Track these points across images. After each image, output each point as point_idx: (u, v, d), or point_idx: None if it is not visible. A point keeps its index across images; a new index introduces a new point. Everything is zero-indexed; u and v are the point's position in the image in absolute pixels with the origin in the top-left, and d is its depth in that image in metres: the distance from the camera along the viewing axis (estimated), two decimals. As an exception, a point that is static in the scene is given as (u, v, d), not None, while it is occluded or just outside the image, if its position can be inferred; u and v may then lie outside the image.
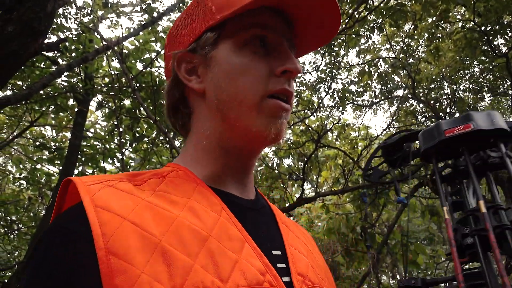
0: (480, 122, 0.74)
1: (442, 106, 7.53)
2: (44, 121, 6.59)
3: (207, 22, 0.63)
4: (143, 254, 0.45)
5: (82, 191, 0.51)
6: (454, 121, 0.76)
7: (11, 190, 7.51)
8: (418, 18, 6.09)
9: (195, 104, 0.67)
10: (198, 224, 0.52)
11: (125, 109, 4.86)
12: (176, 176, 0.60)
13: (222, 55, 0.63)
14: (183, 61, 0.66)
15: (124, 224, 0.47)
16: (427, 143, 0.78)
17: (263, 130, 0.61)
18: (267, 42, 0.63)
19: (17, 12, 2.19)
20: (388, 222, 8.72)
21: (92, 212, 0.48)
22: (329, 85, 5.75)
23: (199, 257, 0.48)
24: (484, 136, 0.74)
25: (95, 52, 4.09)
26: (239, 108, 0.61)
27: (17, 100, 2.87)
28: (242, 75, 0.61)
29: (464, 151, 0.75)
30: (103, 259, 0.44)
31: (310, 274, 0.60)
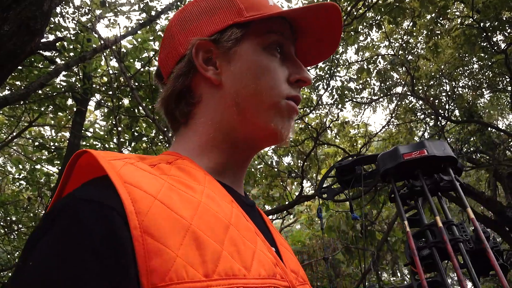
0: (433, 149, 0.84)
1: (442, 103, 7.53)
2: (43, 121, 6.59)
3: (234, 17, 0.65)
4: (176, 237, 0.43)
5: (106, 165, 0.47)
6: (411, 147, 0.86)
7: (10, 190, 7.51)
8: (416, 15, 6.08)
9: (206, 94, 0.66)
10: (219, 211, 0.51)
11: (124, 109, 4.86)
12: (183, 164, 0.59)
13: (247, 53, 0.64)
14: (201, 49, 0.65)
15: (155, 203, 0.45)
16: (387, 164, 0.86)
17: (278, 128, 0.64)
18: (283, 49, 0.67)
19: (13, 11, 2.18)
20: (388, 219, 8.74)
21: (123, 188, 0.44)
22: (327, 83, 5.74)
23: (225, 244, 0.47)
24: (436, 162, 0.84)
25: (93, 51, 4.08)
26: (259, 106, 0.63)
27: (14, 100, 2.87)
28: (265, 75, 0.63)
29: (419, 174, 0.84)
30: (138, 239, 0.41)
31: (301, 271, 0.63)
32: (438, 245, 0.71)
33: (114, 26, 6.15)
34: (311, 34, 0.71)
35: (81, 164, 0.52)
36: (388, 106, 8.75)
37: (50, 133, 7.58)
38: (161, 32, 5.51)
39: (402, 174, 0.86)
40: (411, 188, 0.83)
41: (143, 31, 5.33)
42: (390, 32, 7.32)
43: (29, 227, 6.28)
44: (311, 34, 0.71)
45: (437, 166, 0.84)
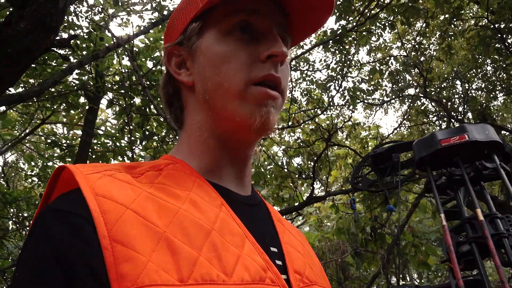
0: (475, 133, 0.76)
1: (454, 105, 7.44)
2: (56, 118, 6.65)
3: (192, 12, 0.62)
4: (148, 244, 0.44)
5: (80, 179, 0.48)
6: (449, 132, 0.78)
7: (23, 187, 7.59)
8: (430, 15, 6.02)
9: (186, 97, 0.66)
10: (201, 217, 0.51)
11: (136, 107, 4.88)
12: (173, 169, 0.59)
13: (206, 45, 0.61)
14: (173, 55, 0.65)
15: (126, 213, 0.46)
16: (422, 152, 0.79)
17: (248, 118, 0.58)
18: (253, 28, 0.61)
19: (29, 9, 2.20)
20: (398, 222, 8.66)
21: (93, 200, 0.45)
22: (339, 84, 5.71)
23: (204, 250, 0.47)
24: (478, 147, 0.75)
25: (106, 50, 4.11)
26: (224, 97, 0.60)
27: (29, 96, 2.90)
28: (224, 63, 0.59)
29: (459, 161, 0.76)
30: (107, 247, 0.42)
31: (307, 272, 0.60)
32: (478, 241, 0.65)
33: (127, 25, 6.20)
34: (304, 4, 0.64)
35: (64, 179, 0.53)
36: (400, 108, 8.69)
37: (62, 131, 7.66)
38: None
39: (439, 162, 0.79)
40: (449, 177, 0.76)
41: (155, 30, 5.35)
42: (403, 33, 7.27)
43: (40, 223, 6.34)
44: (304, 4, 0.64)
45: (479, 152, 0.76)
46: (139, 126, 4.94)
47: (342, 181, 7.68)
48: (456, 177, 0.76)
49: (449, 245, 0.64)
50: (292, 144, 6.53)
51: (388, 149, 1.15)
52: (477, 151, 0.76)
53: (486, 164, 0.75)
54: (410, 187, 6.61)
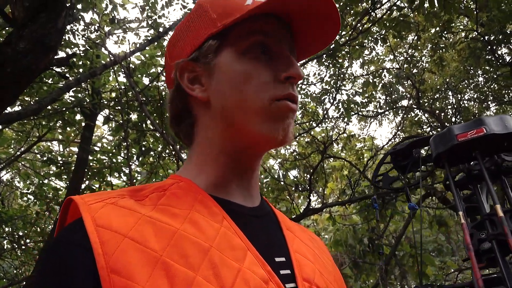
0: (493, 126, 0.73)
1: (447, 115, 7.53)
2: (52, 136, 6.65)
3: (208, 30, 0.63)
4: (144, 270, 0.46)
5: (83, 211, 0.52)
6: (466, 126, 0.76)
7: (18, 205, 7.54)
8: (421, 29, 6.13)
9: (199, 113, 0.67)
10: (199, 235, 0.52)
11: (132, 123, 4.91)
12: (177, 188, 0.61)
13: (225, 63, 0.62)
14: (185, 71, 0.65)
15: (124, 241, 0.48)
16: (439, 148, 0.77)
17: (272, 132, 0.61)
18: (268, 48, 0.63)
19: (28, 29, 2.24)
20: (395, 233, 8.65)
21: (94, 232, 0.49)
22: (333, 96, 5.78)
23: (201, 269, 0.48)
24: (497, 140, 0.73)
25: (103, 67, 4.15)
26: (246, 114, 0.61)
27: (27, 114, 2.92)
28: (247, 81, 0.61)
29: (478, 156, 0.74)
30: (105, 277, 0.45)
31: (317, 279, 0.60)
32: (499, 238, 0.63)
33: (123, 42, 6.26)
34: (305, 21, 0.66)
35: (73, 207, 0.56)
36: (394, 120, 8.76)
37: (58, 148, 7.64)
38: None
39: (457, 157, 0.76)
40: (468, 173, 0.73)
41: (151, 47, 5.41)
42: (395, 46, 7.38)
43: (36, 241, 6.29)
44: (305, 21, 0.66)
45: (499, 145, 0.73)
46: (136, 142, 4.96)
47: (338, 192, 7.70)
48: (475, 172, 0.74)
49: (468, 243, 0.63)
50: (288, 157, 6.57)
51: (408, 145, 1.13)
52: (496, 144, 0.74)
53: (505, 157, 0.73)
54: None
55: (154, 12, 5.63)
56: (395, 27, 4.87)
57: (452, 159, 0.77)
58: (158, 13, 5.62)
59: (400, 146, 1.15)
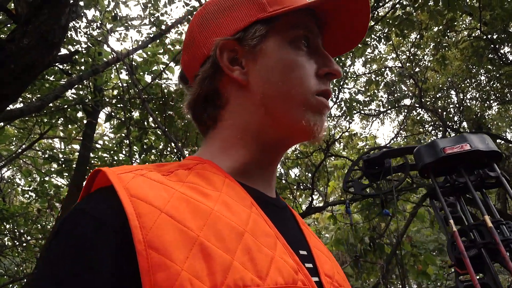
0: (476, 143, 0.78)
1: (450, 114, 7.52)
2: (54, 133, 6.65)
3: (257, 14, 0.62)
4: (182, 250, 0.43)
5: (114, 180, 0.47)
6: (451, 140, 0.80)
7: (19, 202, 7.55)
8: (424, 27, 6.12)
9: (233, 95, 0.64)
10: (233, 218, 0.50)
11: (134, 121, 4.90)
12: (202, 169, 0.58)
13: (273, 49, 0.61)
14: (225, 49, 0.63)
15: (161, 217, 0.44)
16: (426, 159, 0.80)
17: (311, 125, 0.61)
18: (310, 43, 0.64)
19: (32, 25, 2.23)
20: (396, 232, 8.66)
21: (128, 203, 0.45)
22: (336, 95, 5.76)
23: (237, 254, 0.46)
24: (480, 156, 0.78)
25: (105, 64, 4.14)
26: (288, 104, 0.61)
27: (30, 111, 2.91)
28: (293, 71, 0.61)
29: (462, 169, 0.79)
30: (142, 253, 0.41)
31: (336, 276, 0.60)
32: (488, 246, 0.67)
33: (126, 40, 6.25)
34: (338, 24, 0.68)
35: (98, 183, 0.53)
36: (396, 118, 8.75)
37: (60, 146, 7.64)
38: (170, 45, 5.58)
39: (442, 169, 0.80)
40: (453, 185, 0.77)
41: (153, 44, 5.40)
42: (398, 45, 7.36)
43: (38, 239, 6.30)
44: (338, 24, 0.68)
45: (480, 161, 0.78)
46: (138, 139, 4.95)
47: (340, 191, 7.70)
48: (460, 185, 0.77)
49: (462, 250, 0.65)
50: (290, 155, 6.56)
51: (381, 154, 1.16)
52: (478, 160, 0.79)
53: (489, 173, 0.77)
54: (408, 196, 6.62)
55: (156, 9, 5.62)
56: (398, 26, 4.85)
57: (437, 170, 0.81)
58: (160, 11, 5.61)
59: (373, 154, 1.17)
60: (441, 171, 0.81)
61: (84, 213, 0.45)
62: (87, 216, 0.45)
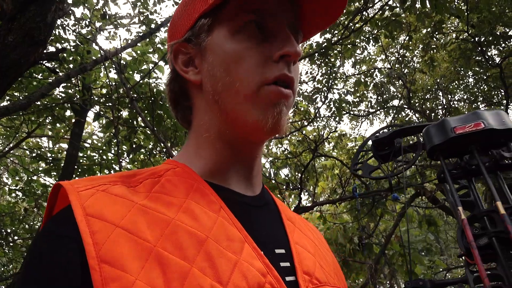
0: (491, 121, 0.72)
1: (438, 115, 7.59)
2: (41, 132, 6.58)
3: (200, 8, 0.59)
4: (137, 261, 0.44)
5: (72, 199, 0.49)
6: (463, 119, 0.74)
7: (6, 201, 7.46)
8: (412, 29, 6.18)
9: (194, 96, 0.64)
10: (195, 225, 0.50)
11: (123, 120, 4.87)
12: (173, 175, 0.57)
13: (217, 43, 0.58)
14: (179, 52, 0.63)
15: (116, 231, 0.46)
16: (435, 139, 0.74)
17: (260, 120, 0.57)
18: (264, 27, 0.59)
19: (17, 22, 2.21)
20: (385, 232, 8.72)
21: (83, 221, 0.46)
22: (325, 95, 5.79)
23: (197, 260, 0.46)
24: (495, 136, 0.71)
25: (94, 63, 4.12)
26: (234, 99, 0.57)
27: (15, 109, 2.88)
28: (236, 63, 0.57)
29: (474, 150, 0.72)
30: (95, 268, 0.43)
31: (317, 272, 0.58)
32: (500, 235, 0.61)
33: (114, 38, 6.22)
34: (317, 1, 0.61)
35: (62, 194, 0.54)
36: (385, 119, 8.82)
37: (48, 145, 7.57)
38: (160, 44, 5.56)
39: (452, 151, 0.74)
40: (464, 167, 0.71)
41: (142, 43, 5.38)
42: (387, 46, 7.42)
43: (25, 238, 6.23)
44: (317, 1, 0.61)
45: (495, 141, 0.72)
46: (126, 138, 4.92)
47: (329, 191, 7.73)
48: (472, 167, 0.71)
49: (471, 241, 0.60)
50: (279, 155, 6.57)
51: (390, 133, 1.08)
52: (493, 140, 0.71)
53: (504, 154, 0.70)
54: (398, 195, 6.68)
55: (146, 8, 5.60)
56: (386, 27, 4.90)
57: (447, 152, 0.74)
58: (150, 9, 5.59)
59: (382, 134, 1.10)
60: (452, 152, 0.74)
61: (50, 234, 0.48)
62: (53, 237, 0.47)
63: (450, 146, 0.73)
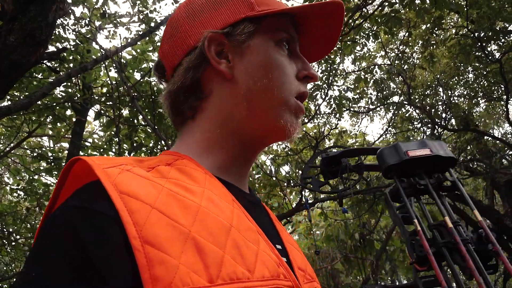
0: (436, 149, 0.83)
1: (438, 112, 7.60)
2: (42, 131, 6.60)
3: (245, 11, 0.64)
4: (177, 245, 0.43)
5: (100, 174, 0.46)
6: (413, 144, 0.85)
7: (8, 201, 7.48)
8: (412, 25, 6.17)
9: (217, 88, 0.64)
10: (219, 213, 0.50)
11: (124, 118, 4.88)
12: (182, 164, 0.57)
13: (260, 47, 0.64)
14: (213, 42, 0.64)
15: (153, 213, 0.44)
16: (390, 160, 0.84)
17: (287, 126, 0.64)
18: (290, 46, 0.68)
19: (19, 22, 2.22)
20: (386, 228, 8.75)
21: (118, 199, 0.44)
22: (325, 92, 5.80)
23: (227, 248, 0.46)
24: (439, 162, 0.83)
25: (94, 62, 4.12)
26: (270, 101, 0.63)
27: (17, 109, 2.89)
28: (277, 71, 0.63)
29: (422, 173, 0.83)
30: (139, 248, 0.41)
31: (308, 269, 0.62)
32: (448, 246, 0.70)
33: (114, 37, 6.22)
34: (312, 32, 0.71)
35: (76, 173, 0.51)
36: (385, 115, 8.83)
37: (49, 144, 7.58)
38: (160, 43, 5.55)
39: (403, 172, 0.84)
40: (414, 186, 0.81)
41: (142, 42, 5.38)
42: (386, 42, 7.42)
43: (27, 238, 6.25)
44: (312, 32, 0.71)
45: (439, 166, 0.83)
46: (127, 137, 4.93)
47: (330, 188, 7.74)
48: (420, 187, 0.82)
49: (428, 249, 0.69)
50: (280, 152, 6.58)
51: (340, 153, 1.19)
52: (437, 165, 0.83)
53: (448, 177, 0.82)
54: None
55: (145, 6, 5.60)
56: (386, 23, 4.89)
57: (400, 172, 0.85)
58: (149, 8, 5.59)
59: (332, 152, 1.20)
60: (403, 173, 0.84)
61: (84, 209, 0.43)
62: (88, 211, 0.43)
63: (402, 167, 0.83)
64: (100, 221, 0.42)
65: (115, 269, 0.40)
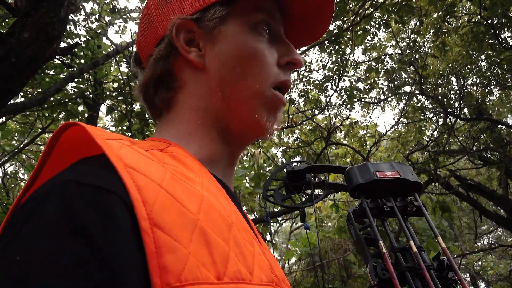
0: (405, 172, 0.82)
1: (451, 101, 7.51)
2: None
3: None
4: (185, 232, 0.37)
5: (104, 145, 0.39)
6: (382, 166, 0.84)
7: (23, 196, 7.57)
8: (423, 13, 6.09)
9: (189, 78, 0.60)
10: (221, 207, 0.44)
11: (135, 113, 4.91)
12: (175, 152, 0.51)
13: (232, 33, 0.58)
14: (182, 30, 0.59)
15: (161, 193, 0.38)
16: (358, 179, 0.83)
17: (263, 121, 0.59)
18: (271, 29, 0.61)
19: (32, 18, 2.23)
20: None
21: (125, 172, 0.37)
22: (336, 83, 5.76)
23: (231, 245, 0.41)
24: (406, 185, 0.82)
25: (106, 57, 4.15)
26: (243, 92, 0.58)
27: (32, 105, 2.93)
28: (252, 58, 0.58)
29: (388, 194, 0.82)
30: (148, 231, 0.34)
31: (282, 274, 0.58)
32: (412, 270, 0.70)
33: (124, 32, 6.25)
34: (300, 14, 0.65)
35: (69, 139, 0.43)
36: (397, 106, 8.75)
37: (62, 140, 7.65)
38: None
39: (371, 192, 0.83)
40: (380, 208, 0.80)
41: (152, 36, 5.37)
42: (397, 32, 7.33)
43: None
44: (300, 14, 0.65)
45: (405, 189, 0.83)
46: (139, 131, 4.96)
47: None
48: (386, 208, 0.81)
49: (392, 273, 0.68)
50: (291, 144, 6.57)
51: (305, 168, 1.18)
52: (405, 188, 0.83)
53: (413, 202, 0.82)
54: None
55: (154, 1, 5.58)
56: (397, 12, 4.84)
57: (367, 192, 0.83)
58: (158, 2, 5.57)
59: (297, 167, 1.19)
60: (370, 193, 0.83)
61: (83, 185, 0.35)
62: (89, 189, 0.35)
63: (370, 188, 0.82)
64: (105, 198, 0.35)
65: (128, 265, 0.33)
